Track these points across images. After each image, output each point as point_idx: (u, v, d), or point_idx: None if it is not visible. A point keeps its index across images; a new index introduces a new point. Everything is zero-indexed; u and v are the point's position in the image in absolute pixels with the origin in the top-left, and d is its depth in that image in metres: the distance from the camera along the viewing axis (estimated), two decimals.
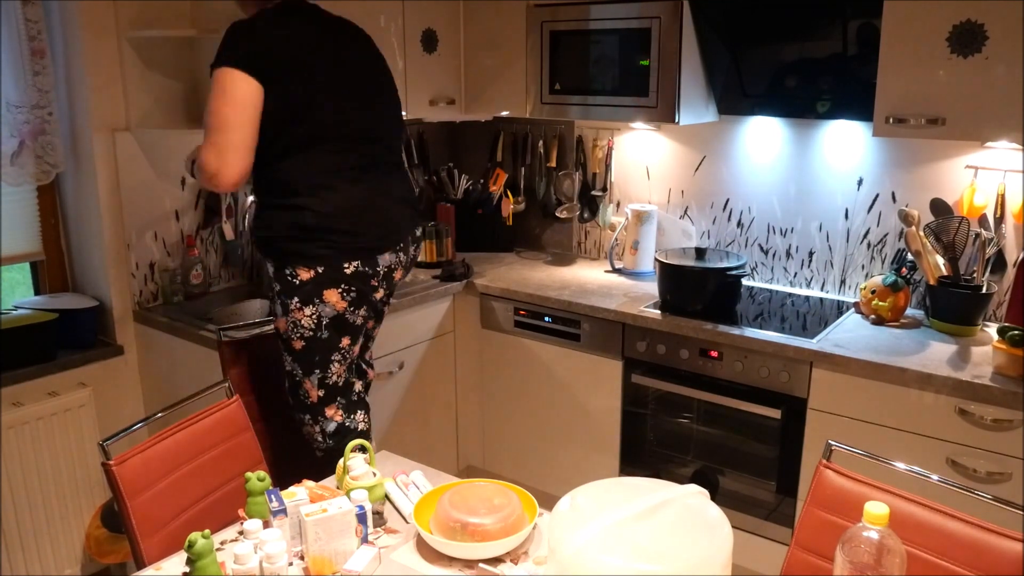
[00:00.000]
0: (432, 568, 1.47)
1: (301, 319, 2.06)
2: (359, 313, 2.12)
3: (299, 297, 2.04)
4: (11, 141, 2.41)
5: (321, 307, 2.05)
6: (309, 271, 2.02)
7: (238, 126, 1.92)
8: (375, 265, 2.08)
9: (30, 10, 2.39)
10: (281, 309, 2.08)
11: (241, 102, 1.92)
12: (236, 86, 1.91)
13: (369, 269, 2.07)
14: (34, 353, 2.44)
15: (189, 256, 2.76)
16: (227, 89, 1.91)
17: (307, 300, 2.04)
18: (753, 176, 2.91)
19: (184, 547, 1.37)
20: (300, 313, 2.05)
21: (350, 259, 2.04)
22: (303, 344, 2.09)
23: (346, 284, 2.05)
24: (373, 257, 2.08)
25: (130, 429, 1.74)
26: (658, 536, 1.28)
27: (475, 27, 3.09)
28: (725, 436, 2.56)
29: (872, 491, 1.52)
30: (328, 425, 2.18)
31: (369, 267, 2.07)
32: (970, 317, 2.38)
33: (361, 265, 2.06)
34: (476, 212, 3.40)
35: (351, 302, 2.08)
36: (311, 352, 2.10)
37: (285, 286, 2.05)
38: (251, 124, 1.94)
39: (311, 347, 2.09)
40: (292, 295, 2.04)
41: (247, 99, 1.93)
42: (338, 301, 2.06)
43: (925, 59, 2.19)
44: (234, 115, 1.92)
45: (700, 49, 2.63)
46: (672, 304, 2.64)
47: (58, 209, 2.68)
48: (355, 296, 2.08)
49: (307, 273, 2.02)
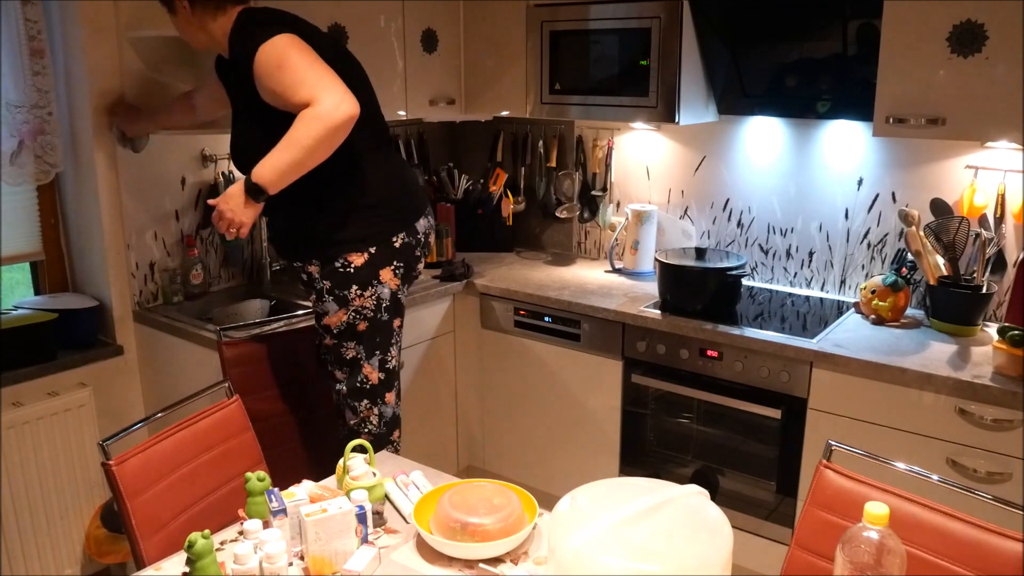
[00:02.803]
0: (432, 568, 1.47)
1: (364, 304, 2.07)
2: (406, 290, 2.19)
3: (356, 284, 2.04)
4: (11, 141, 2.41)
5: (379, 288, 2.08)
6: (362, 254, 2.03)
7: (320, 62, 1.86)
8: (416, 233, 2.14)
9: (30, 10, 2.39)
10: (338, 304, 2.06)
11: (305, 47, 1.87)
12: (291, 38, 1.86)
13: (412, 239, 2.12)
14: (34, 353, 2.44)
15: (189, 256, 2.76)
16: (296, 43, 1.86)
17: (365, 284, 2.05)
18: (753, 176, 2.91)
19: (184, 547, 1.37)
20: (361, 299, 2.06)
21: (397, 231, 2.08)
22: (367, 325, 2.09)
23: (397, 260, 2.09)
24: (413, 224, 2.12)
25: (130, 429, 1.74)
26: (658, 536, 1.28)
27: (475, 27, 3.09)
28: (725, 436, 2.56)
29: (872, 491, 1.52)
30: (386, 410, 2.19)
31: (412, 236, 2.12)
32: (970, 317, 2.38)
33: (407, 236, 2.11)
34: (476, 212, 3.40)
35: (401, 279, 2.13)
36: (374, 334, 2.11)
37: (338, 279, 2.04)
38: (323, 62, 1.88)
39: (374, 329, 2.11)
40: (349, 285, 2.04)
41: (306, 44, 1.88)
42: (391, 279, 2.10)
43: (925, 59, 2.19)
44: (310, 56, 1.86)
45: (700, 49, 2.63)
46: (672, 304, 2.64)
47: (58, 209, 2.68)
48: (403, 272, 2.13)
49: (360, 257, 2.03)
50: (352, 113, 1.82)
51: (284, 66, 1.83)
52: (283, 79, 1.83)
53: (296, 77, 1.82)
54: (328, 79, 1.83)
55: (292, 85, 1.82)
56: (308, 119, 1.80)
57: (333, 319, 2.09)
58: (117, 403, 2.69)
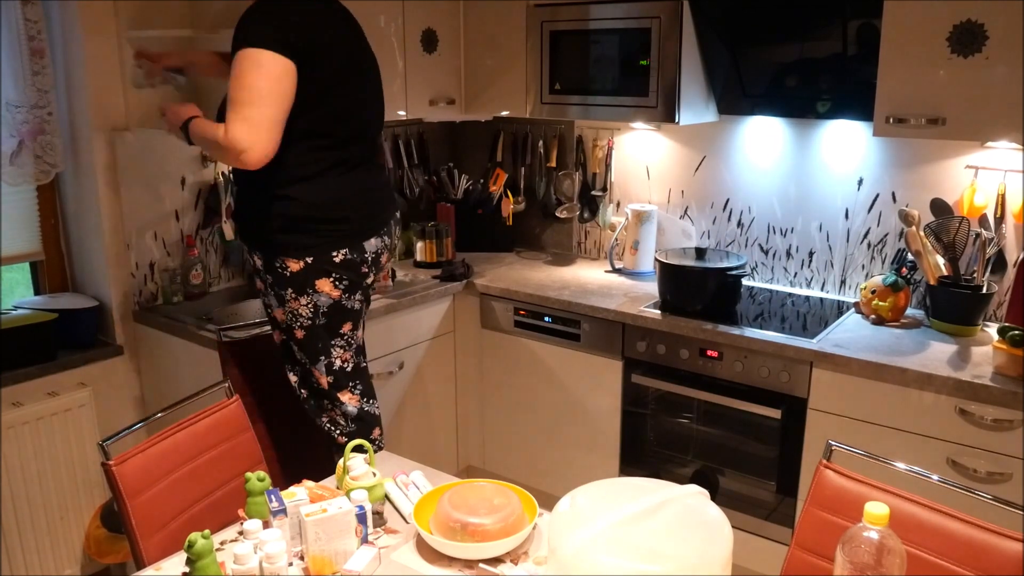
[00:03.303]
0: (432, 568, 1.47)
1: (298, 308, 2.07)
2: (355, 298, 2.15)
3: (292, 288, 2.06)
4: (10, 141, 2.41)
5: (316, 296, 2.06)
6: (298, 262, 2.03)
7: (273, 101, 1.87)
8: (363, 252, 2.11)
9: (30, 10, 2.39)
10: (276, 301, 2.10)
11: (277, 76, 1.87)
12: (272, 61, 1.86)
13: (356, 256, 2.09)
14: (34, 353, 2.44)
15: (189, 256, 2.76)
16: (262, 63, 1.86)
17: (300, 290, 2.06)
18: (753, 176, 2.91)
19: (184, 547, 1.37)
20: (296, 303, 2.07)
21: (339, 247, 2.06)
22: (304, 333, 2.10)
23: (336, 273, 2.07)
24: (360, 244, 2.10)
25: (130, 429, 1.74)
26: (658, 536, 1.28)
27: (475, 27, 3.09)
28: (725, 436, 2.56)
29: (872, 491, 1.52)
30: (348, 409, 2.19)
31: (357, 254, 2.10)
32: (970, 317, 2.38)
33: (350, 252, 2.08)
34: (476, 212, 3.40)
35: (345, 289, 2.10)
36: (313, 340, 2.11)
37: (277, 278, 2.06)
38: (287, 100, 1.90)
39: (312, 335, 2.11)
40: (284, 286, 2.06)
41: (283, 75, 1.88)
42: (332, 289, 2.08)
43: (925, 59, 2.19)
44: (269, 89, 1.86)
45: (700, 49, 2.62)
46: (672, 304, 2.64)
47: (58, 209, 2.68)
48: (348, 284, 2.10)
49: (296, 264, 2.03)
50: (248, 163, 1.87)
51: (238, 79, 1.87)
52: (231, 90, 1.89)
53: (236, 96, 1.87)
54: (256, 119, 1.85)
55: (231, 100, 1.88)
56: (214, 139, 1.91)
57: (277, 313, 2.13)
58: (117, 403, 2.69)
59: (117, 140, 2.56)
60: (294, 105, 1.93)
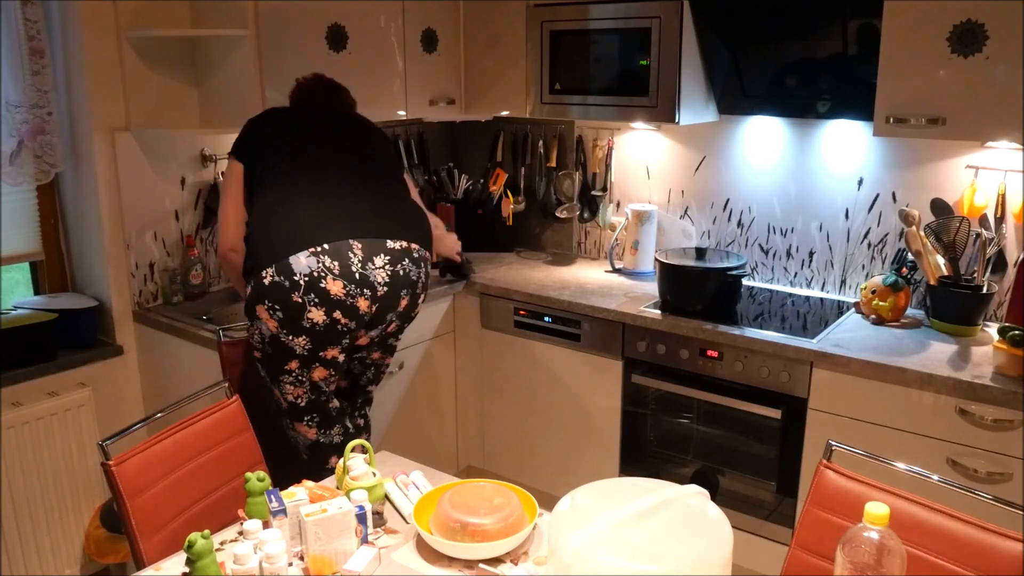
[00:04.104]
0: (432, 568, 1.47)
1: (253, 333, 2.12)
2: (295, 340, 2.02)
3: (246, 312, 2.11)
4: (10, 141, 2.41)
5: (258, 323, 2.07)
6: (247, 286, 2.09)
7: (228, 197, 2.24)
8: (292, 274, 1.96)
9: (30, 10, 2.39)
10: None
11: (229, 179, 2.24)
12: (230, 168, 2.25)
13: (285, 280, 1.96)
14: (34, 353, 2.44)
15: (189, 256, 2.76)
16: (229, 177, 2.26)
17: (250, 315, 2.09)
18: (753, 176, 2.91)
19: (184, 547, 1.37)
20: (252, 328, 2.12)
21: (264, 267, 2.00)
22: (260, 355, 2.15)
23: (268, 300, 1.99)
24: (284, 260, 1.96)
25: (130, 429, 1.74)
26: (658, 536, 1.28)
27: (475, 27, 3.09)
28: (725, 436, 2.56)
29: (872, 491, 1.52)
30: (299, 438, 2.21)
31: (285, 277, 1.96)
32: (970, 317, 2.38)
33: (276, 274, 1.97)
34: (476, 212, 3.40)
35: (280, 323, 2.00)
36: (266, 365, 2.15)
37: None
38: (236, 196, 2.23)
39: (264, 361, 2.14)
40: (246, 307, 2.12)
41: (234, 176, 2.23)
42: (268, 319, 2.02)
43: (925, 59, 2.19)
44: (226, 189, 2.26)
45: (700, 49, 2.63)
46: (672, 304, 2.64)
47: (58, 209, 2.68)
48: (283, 317, 1.99)
49: (246, 288, 2.10)
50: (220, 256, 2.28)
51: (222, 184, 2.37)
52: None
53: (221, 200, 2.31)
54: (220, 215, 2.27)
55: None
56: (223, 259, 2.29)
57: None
58: (117, 403, 2.69)
59: (117, 140, 2.56)
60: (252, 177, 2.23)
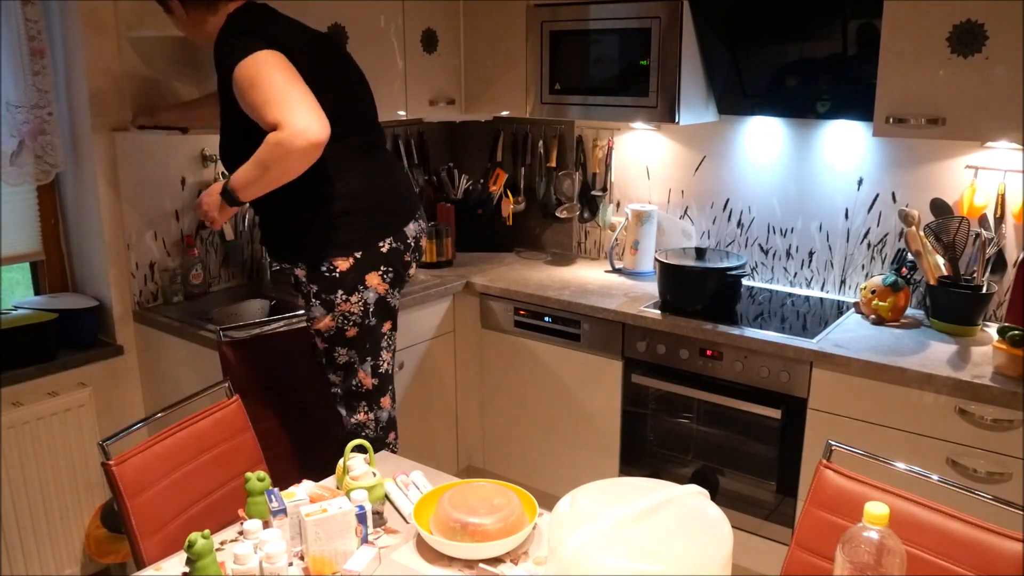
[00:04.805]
0: (432, 568, 1.47)
1: (349, 309, 2.07)
2: (396, 295, 2.18)
3: (343, 289, 2.05)
4: (11, 141, 2.41)
5: (366, 293, 2.07)
6: (347, 259, 2.03)
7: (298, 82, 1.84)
8: (405, 238, 2.13)
9: (30, 10, 2.39)
10: (324, 308, 2.07)
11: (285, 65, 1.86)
12: (271, 56, 1.85)
13: (401, 244, 2.12)
14: (34, 353, 2.44)
15: (189, 256, 2.76)
16: (265, 61, 1.84)
17: (351, 289, 2.05)
18: (753, 176, 2.91)
19: (184, 547, 1.37)
20: (347, 304, 2.06)
21: (384, 236, 2.08)
22: (356, 331, 2.10)
23: (384, 265, 2.09)
24: (401, 229, 2.12)
25: (130, 429, 1.74)
26: (658, 536, 1.28)
27: (475, 27, 3.09)
28: (725, 436, 2.56)
29: (872, 491, 1.52)
30: (382, 414, 2.20)
31: (401, 242, 2.12)
32: (970, 317, 2.38)
33: (394, 241, 2.10)
34: (476, 212, 3.40)
35: (391, 283, 2.12)
36: (364, 339, 2.12)
37: (325, 283, 2.05)
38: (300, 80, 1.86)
39: (363, 335, 2.11)
40: (335, 289, 2.05)
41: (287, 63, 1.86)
42: (379, 284, 2.09)
43: (925, 59, 2.19)
44: (286, 77, 1.84)
45: (700, 49, 2.63)
46: (672, 304, 2.64)
47: (58, 209, 2.68)
48: (393, 277, 2.12)
49: (346, 262, 2.03)
50: (316, 140, 1.81)
51: (257, 85, 1.83)
52: (256, 98, 1.83)
53: (267, 97, 1.82)
54: (297, 102, 1.82)
55: (263, 104, 1.82)
56: (272, 143, 1.81)
57: (321, 324, 2.10)
58: (117, 403, 2.69)
59: (117, 140, 2.56)
60: None
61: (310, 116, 1.81)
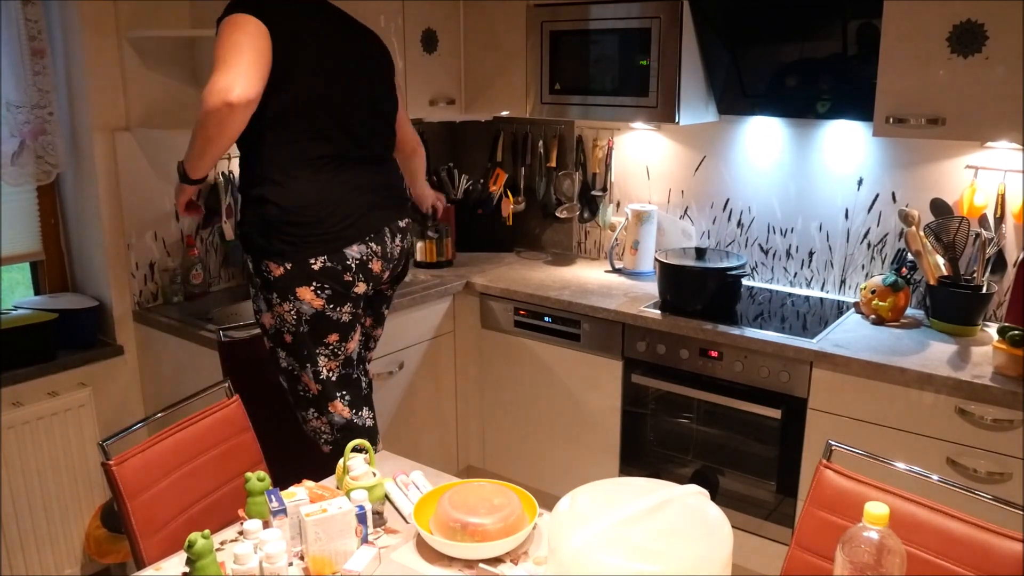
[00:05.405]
0: (432, 568, 1.47)
1: (283, 314, 2.04)
2: (342, 310, 2.06)
3: (276, 292, 2.02)
4: (11, 141, 2.41)
5: (298, 304, 2.01)
6: (279, 267, 2.00)
7: (251, 50, 1.84)
8: (343, 259, 2.02)
9: (30, 10, 2.39)
10: (265, 304, 2.08)
11: (253, 34, 1.86)
12: (245, 20, 1.87)
13: (338, 264, 2.01)
14: (34, 353, 2.44)
15: (189, 256, 2.76)
16: (236, 22, 1.86)
17: (283, 296, 2.02)
18: (753, 176, 2.91)
19: (184, 547, 1.37)
20: (281, 308, 2.04)
21: (315, 254, 1.99)
22: (291, 338, 2.07)
23: (317, 281, 2.00)
24: (340, 251, 2.01)
25: (130, 429, 1.74)
26: (658, 536, 1.28)
27: (475, 27, 3.09)
28: (725, 436, 2.56)
29: (872, 491, 1.52)
30: (336, 419, 2.16)
31: (337, 262, 2.00)
32: (970, 317, 2.38)
33: (328, 260, 1.99)
34: (476, 212, 3.40)
35: (328, 299, 2.02)
36: (299, 347, 2.08)
37: (263, 281, 2.04)
38: (265, 54, 1.86)
39: (297, 342, 2.07)
40: (271, 290, 2.03)
41: (257, 32, 1.87)
42: (313, 299, 2.01)
43: (925, 59, 2.19)
44: (247, 42, 1.84)
45: (700, 49, 2.63)
46: (672, 304, 2.64)
47: (58, 209, 2.68)
48: (331, 293, 2.02)
49: (278, 269, 2.00)
50: (230, 100, 1.78)
51: (218, 43, 1.86)
52: (213, 55, 1.85)
53: (217, 55, 1.84)
54: (233, 63, 1.81)
55: (212, 63, 1.84)
56: (201, 111, 1.83)
57: (265, 318, 2.10)
58: (117, 403, 2.69)
59: (117, 140, 2.56)
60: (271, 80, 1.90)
61: (235, 76, 1.79)
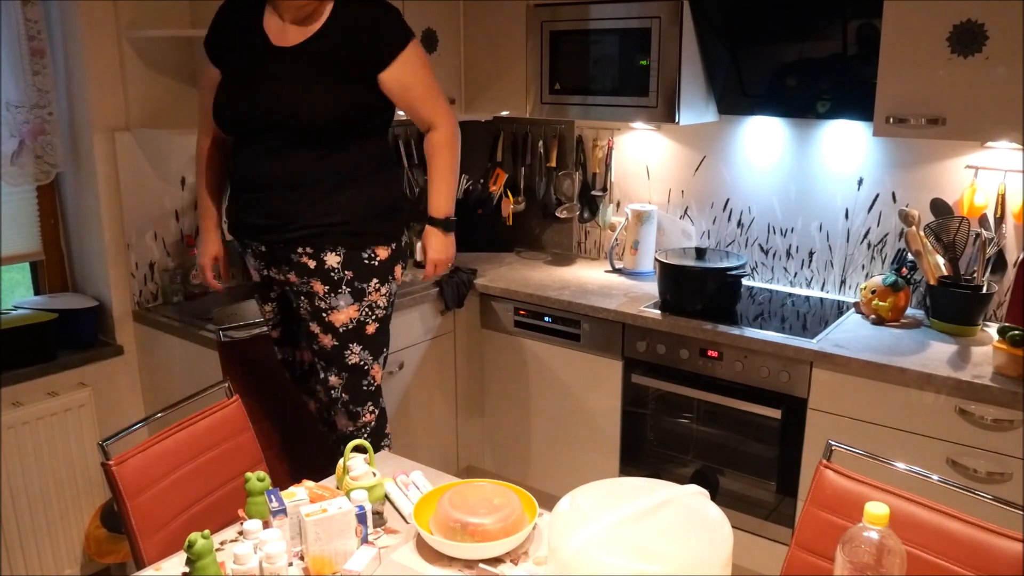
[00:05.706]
0: (432, 568, 1.47)
1: (378, 300, 2.07)
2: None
3: (377, 278, 2.05)
4: (11, 141, 2.41)
5: (391, 285, 2.11)
6: (387, 248, 2.07)
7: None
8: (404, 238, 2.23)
9: (30, 10, 2.39)
10: (353, 296, 2.03)
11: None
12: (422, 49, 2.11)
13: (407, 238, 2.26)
14: (34, 353, 2.44)
15: (189, 256, 2.76)
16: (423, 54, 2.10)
17: (384, 279, 2.08)
18: (753, 176, 2.91)
19: (184, 547, 1.37)
20: (377, 294, 2.06)
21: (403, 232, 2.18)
22: (376, 327, 2.09)
23: (402, 259, 2.17)
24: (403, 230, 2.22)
25: (130, 429, 1.74)
26: (658, 536, 1.28)
27: (475, 27, 3.09)
28: (725, 436, 2.56)
29: (872, 491, 1.52)
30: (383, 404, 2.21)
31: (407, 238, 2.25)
32: (970, 317, 2.38)
33: (405, 236, 2.21)
34: (476, 212, 3.40)
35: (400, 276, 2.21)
36: (381, 333, 2.13)
37: (362, 270, 2.03)
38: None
39: (381, 328, 2.12)
40: (370, 277, 2.04)
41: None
42: (400, 276, 2.16)
43: (925, 59, 2.19)
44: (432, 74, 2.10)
45: (700, 49, 2.63)
46: (672, 304, 2.64)
47: (58, 209, 2.68)
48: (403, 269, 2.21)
49: (385, 251, 2.07)
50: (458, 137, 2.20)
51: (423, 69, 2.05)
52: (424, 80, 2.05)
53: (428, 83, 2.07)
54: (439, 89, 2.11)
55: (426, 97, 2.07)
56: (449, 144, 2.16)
57: (341, 315, 2.03)
58: (117, 403, 2.69)
59: (117, 140, 2.56)
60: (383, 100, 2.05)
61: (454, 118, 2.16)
